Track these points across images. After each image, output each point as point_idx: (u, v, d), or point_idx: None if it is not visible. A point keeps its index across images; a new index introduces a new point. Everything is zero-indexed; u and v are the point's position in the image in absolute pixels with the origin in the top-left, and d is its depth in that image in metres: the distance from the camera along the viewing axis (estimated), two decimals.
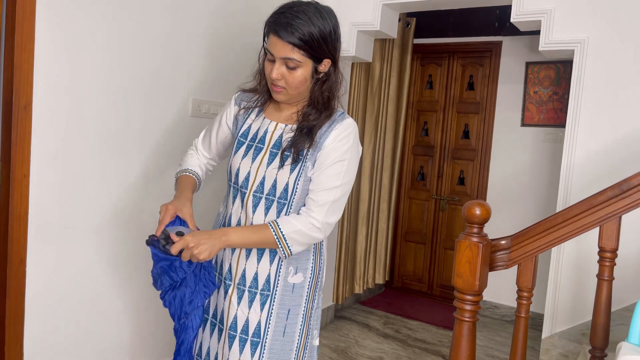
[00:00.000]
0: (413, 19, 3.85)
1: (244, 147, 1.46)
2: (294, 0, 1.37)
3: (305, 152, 1.38)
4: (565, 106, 3.62)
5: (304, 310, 1.48)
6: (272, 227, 1.35)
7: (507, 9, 2.83)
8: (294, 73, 1.34)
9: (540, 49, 2.52)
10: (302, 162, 1.39)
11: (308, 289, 1.48)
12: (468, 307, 1.40)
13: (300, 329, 1.48)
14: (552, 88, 3.73)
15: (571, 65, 2.54)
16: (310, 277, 1.48)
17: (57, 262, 1.92)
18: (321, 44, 1.33)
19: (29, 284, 1.83)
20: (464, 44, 4.12)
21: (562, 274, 2.44)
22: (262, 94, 1.49)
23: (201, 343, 1.54)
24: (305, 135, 1.38)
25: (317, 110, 1.41)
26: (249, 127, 1.49)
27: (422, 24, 3.98)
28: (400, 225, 4.43)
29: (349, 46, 3.03)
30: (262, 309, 1.43)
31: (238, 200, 1.46)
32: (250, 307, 1.44)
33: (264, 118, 1.48)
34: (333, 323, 3.54)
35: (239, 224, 1.45)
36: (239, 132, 1.50)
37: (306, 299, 1.48)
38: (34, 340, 1.87)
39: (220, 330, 1.48)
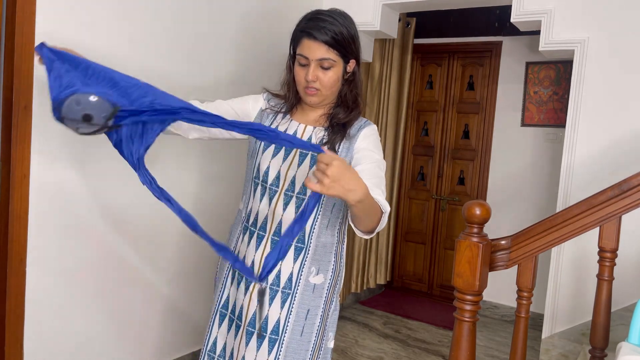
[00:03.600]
0: (413, 19, 3.85)
1: (272, 146, 1.47)
2: (316, 9, 1.45)
3: (338, 146, 1.42)
4: (565, 106, 3.62)
5: (322, 312, 1.49)
6: (381, 205, 1.25)
7: (507, 9, 2.83)
8: (328, 73, 1.40)
9: (540, 49, 2.52)
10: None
11: (327, 290, 1.49)
12: (468, 307, 1.40)
13: (317, 330, 1.49)
14: (552, 88, 3.73)
15: (571, 66, 2.54)
16: (330, 279, 1.49)
17: (57, 262, 1.92)
18: (350, 44, 1.41)
19: (29, 284, 1.82)
20: (464, 44, 4.12)
21: (562, 274, 2.44)
22: (290, 100, 1.51)
23: (216, 338, 1.52)
24: (338, 132, 1.43)
25: (347, 108, 1.47)
26: (276, 128, 1.48)
27: (422, 24, 3.98)
28: (400, 225, 4.43)
29: None
30: (282, 307, 1.44)
31: (266, 199, 1.47)
32: (270, 304, 1.44)
33: (292, 120, 1.51)
34: None
35: (265, 221, 1.46)
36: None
37: (325, 300, 1.49)
38: (34, 340, 1.87)
39: (238, 327, 1.48)
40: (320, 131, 1.46)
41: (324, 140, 1.43)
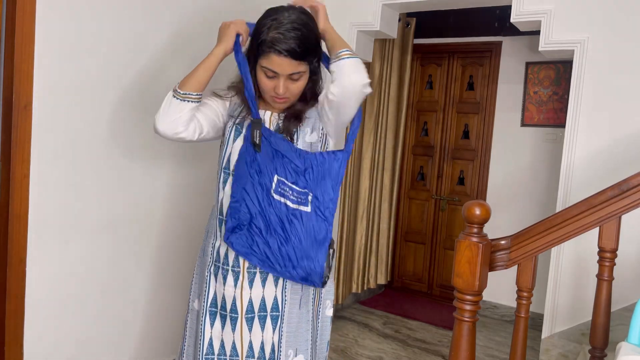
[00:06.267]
0: (413, 19, 3.85)
1: (241, 137, 1.47)
2: (277, 9, 1.39)
3: (295, 133, 1.46)
4: (565, 106, 3.62)
5: None
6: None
7: (507, 9, 2.82)
8: (298, 83, 1.41)
9: (540, 49, 2.52)
10: (296, 136, 1.47)
11: None
12: (468, 307, 1.40)
13: (312, 299, 1.52)
14: (552, 88, 3.73)
15: (571, 65, 2.54)
16: None
17: (57, 262, 1.92)
18: (315, 45, 1.40)
19: (29, 284, 1.83)
20: (464, 44, 4.12)
21: (562, 274, 2.44)
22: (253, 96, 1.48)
23: (211, 339, 1.51)
24: (292, 120, 1.46)
25: (305, 101, 1.49)
26: (244, 119, 1.50)
27: (422, 24, 3.98)
28: (400, 225, 4.43)
29: None
30: (276, 285, 1.47)
31: None
32: (264, 286, 1.46)
33: (262, 110, 1.51)
34: (333, 323, 3.54)
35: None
36: (235, 120, 1.50)
37: None
38: (34, 340, 1.87)
39: (234, 319, 1.48)
40: (276, 117, 1.49)
41: (280, 127, 1.46)
